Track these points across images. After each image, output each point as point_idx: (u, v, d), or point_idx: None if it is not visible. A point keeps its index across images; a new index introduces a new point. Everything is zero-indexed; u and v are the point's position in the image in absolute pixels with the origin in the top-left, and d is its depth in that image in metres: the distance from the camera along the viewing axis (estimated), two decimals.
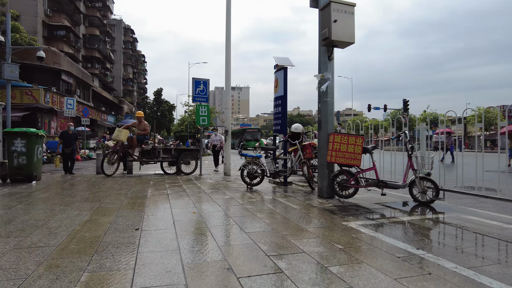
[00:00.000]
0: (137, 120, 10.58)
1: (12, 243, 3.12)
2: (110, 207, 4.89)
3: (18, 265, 2.59)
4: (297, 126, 7.08)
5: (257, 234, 3.50)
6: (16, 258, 2.74)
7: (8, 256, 2.79)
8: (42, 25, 31.22)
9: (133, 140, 9.77)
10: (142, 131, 10.31)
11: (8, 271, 2.47)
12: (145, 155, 10.17)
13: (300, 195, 6.28)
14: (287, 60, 7.73)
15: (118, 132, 9.46)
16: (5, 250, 2.93)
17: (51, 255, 2.82)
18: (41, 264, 2.60)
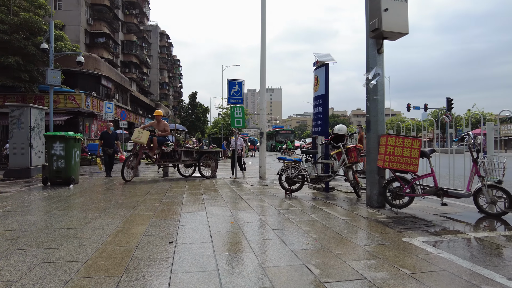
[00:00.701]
0: (155, 120, 9.64)
1: (41, 256, 2.89)
2: (143, 215, 4.64)
3: (43, 285, 2.31)
4: (340, 127, 6.51)
5: (305, 253, 3.03)
6: (41, 275, 2.48)
7: (33, 272, 2.54)
8: (84, 33, 32.69)
9: (153, 142, 8.95)
10: (162, 132, 9.44)
11: None
12: (165, 157, 9.48)
13: (345, 203, 5.71)
14: (328, 56, 7.19)
15: (138, 133, 8.57)
16: (32, 265, 2.69)
17: (78, 273, 2.53)
18: (66, 285, 2.31)
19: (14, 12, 19.72)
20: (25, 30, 19.63)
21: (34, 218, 4.35)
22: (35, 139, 9.37)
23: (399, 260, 2.87)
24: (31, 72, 20.03)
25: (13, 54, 18.93)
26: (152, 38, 60.22)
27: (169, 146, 9.68)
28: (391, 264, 2.75)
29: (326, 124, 7.09)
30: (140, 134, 8.53)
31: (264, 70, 10.15)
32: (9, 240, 3.35)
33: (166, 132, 9.54)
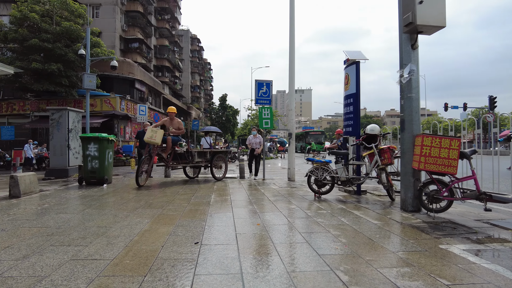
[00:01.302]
0: (168, 118, 8.71)
1: (71, 253, 2.96)
2: (171, 215, 4.67)
3: (70, 282, 2.35)
4: (373, 127, 6.25)
5: (333, 258, 2.89)
6: (70, 272, 2.53)
7: (63, 268, 2.60)
8: (119, 39, 34.08)
9: (167, 142, 8.08)
10: (176, 130, 8.50)
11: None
12: (178, 158, 8.69)
13: (378, 207, 5.45)
14: (359, 53, 6.93)
15: (151, 133, 7.65)
16: (62, 261, 2.76)
17: (104, 271, 2.55)
18: (91, 283, 2.34)
19: (57, 21, 20.92)
20: (66, 38, 20.76)
21: (68, 216, 4.52)
22: (72, 141, 9.83)
23: (436, 269, 2.65)
24: (71, 77, 21.15)
25: (55, 61, 20.08)
26: (183, 42, 61.71)
27: (183, 147, 8.81)
28: (427, 273, 2.55)
29: (358, 124, 6.83)
30: (154, 134, 7.65)
31: (293, 71, 10.01)
32: (44, 236, 3.48)
33: (180, 131, 8.64)
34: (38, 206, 5.20)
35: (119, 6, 33.34)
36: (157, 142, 7.67)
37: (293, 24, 9.93)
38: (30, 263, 2.71)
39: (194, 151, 9.04)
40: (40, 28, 19.99)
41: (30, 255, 2.90)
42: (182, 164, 8.91)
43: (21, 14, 19.81)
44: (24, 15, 19.78)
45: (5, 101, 23.18)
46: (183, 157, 8.82)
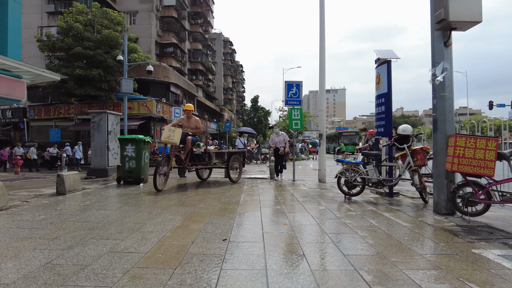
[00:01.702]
0: (185, 116, 8.16)
1: (109, 246, 3.20)
2: (202, 213, 4.86)
3: (108, 271, 2.56)
4: (405, 128, 6.09)
5: (358, 258, 2.90)
6: (108, 262, 2.75)
7: (102, 259, 2.82)
8: (155, 44, 35.42)
9: (186, 142, 7.53)
10: (193, 130, 8.00)
11: (98, 277, 2.45)
12: (195, 160, 8.14)
13: (410, 209, 5.32)
14: (391, 52, 6.78)
15: (169, 132, 7.10)
16: (101, 253, 2.99)
17: (138, 263, 2.75)
18: (127, 273, 2.53)
19: (97, 30, 22.19)
20: (106, 45, 21.96)
21: (107, 212, 4.84)
22: (111, 142, 10.41)
23: (466, 273, 2.58)
24: (110, 82, 22.33)
25: (96, 67, 21.32)
26: (216, 45, 62.91)
27: (200, 147, 8.26)
28: (456, 277, 2.50)
29: (390, 124, 6.68)
30: (171, 133, 7.09)
31: (323, 72, 9.93)
32: (86, 230, 3.77)
33: (198, 130, 8.16)
34: (81, 203, 5.60)
35: (154, 13, 34.68)
36: (176, 142, 7.11)
37: (323, 24, 9.87)
38: (74, 253, 2.97)
39: (212, 151, 8.57)
40: (83, 37, 21.31)
41: (74, 246, 3.17)
42: (200, 165, 8.37)
43: (67, 25, 21.23)
44: (69, 25, 21.17)
45: (52, 106, 24.91)
46: (200, 158, 8.31)
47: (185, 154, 7.66)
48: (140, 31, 32.96)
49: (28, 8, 32.69)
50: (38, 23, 32.31)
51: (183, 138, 7.43)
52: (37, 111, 25.10)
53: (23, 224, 4.08)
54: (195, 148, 7.99)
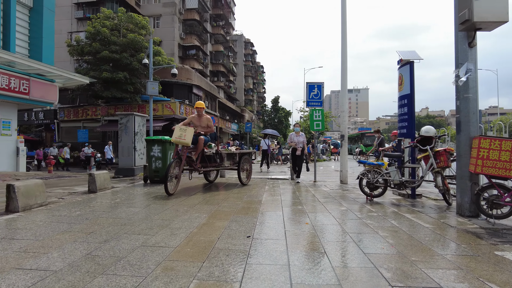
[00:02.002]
0: (196, 114, 7.61)
1: (141, 240, 3.43)
2: (226, 211, 5.04)
3: (142, 263, 2.77)
4: (428, 129, 6.05)
5: (378, 257, 2.98)
6: (142, 255, 2.96)
7: (136, 252, 3.04)
8: (178, 47, 36.23)
9: (199, 142, 7.06)
10: (205, 129, 7.50)
11: (134, 268, 2.66)
12: (205, 161, 7.62)
13: (432, 211, 5.30)
14: (414, 53, 6.75)
15: (180, 132, 6.62)
16: (134, 247, 3.22)
17: (169, 256, 2.95)
18: (159, 265, 2.73)
19: (123, 34, 22.97)
20: (131, 49, 22.71)
21: (136, 209, 5.11)
22: (138, 143, 10.82)
23: (486, 273, 2.62)
24: (135, 84, 23.06)
25: (122, 70, 22.09)
26: (237, 47, 63.44)
27: (212, 148, 7.82)
28: (476, 277, 2.54)
29: (412, 126, 6.65)
30: (183, 133, 6.58)
31: (345, 72, 9.94)
32: (118, 226, 4.03)
33: (210, 129, 7.60)
34: (111, 201, 5.92)
35: (177, 16, 35.46)
36: (187, 143, 6.58)
37: (345, 24, 9.88)
38: (110, 246, 3.21)
39: (224, 152, 8.09)
40: (109, 41, 22.13)
41: (109, 240, 3.42)
42: (211, 167, 7.86)
43: (95, 30, 22.12)
44: (97, 30, 22.05)
45: (80, 107, 25.98)
46: (211, 159, 7.81)
47: (197, 155, 7.16)
48: (164, 34, 33.82)
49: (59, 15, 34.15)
50: (68, 29, 33.75)
51: (194, 138, 6.95)
52: (67, 113, 26.27)
53: (61, 219, 4.40)
54: (206, 149, 7.52)
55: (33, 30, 14.29)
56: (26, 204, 4.90)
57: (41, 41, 14.20)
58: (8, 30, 12.84)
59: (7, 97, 12.30)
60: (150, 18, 34.09)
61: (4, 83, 11.89)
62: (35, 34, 14.28)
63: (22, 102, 13.12)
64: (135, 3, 34.37)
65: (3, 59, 11.34)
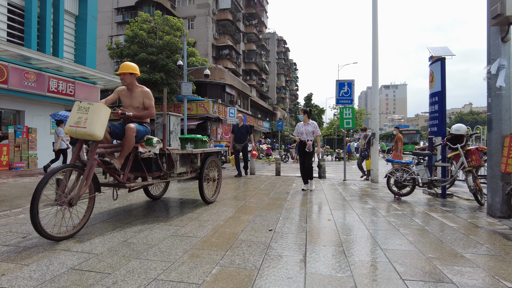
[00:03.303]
0: (125, 87, 4.56)
1: (172, 231, 3.74)
2: (252, 206, 5.27)
3: (171, 250, 3.06)
4: (458, 127, 5.90)
5: (395, 253, 3.05)
6: (171, 243, 3.26)
7: (166, 241, 3.34)
8: (212, 47, 37.07)
9: (126, 135, 4.04)
10: (139, 112, 4.45)
11: (164, 254, 2.95)
12: (140, 168, 4.45)
13: (461, 211, 5.19)
14: (445, 49, 6.57)
15: (79, 113, 3.50)
16: (165, 236, 3.53)
17: (196, 245, 3.21)
18: (186, 252, 3.00)
19: (159, 36, 23.94)
20: (167, 50, 23.62)
21: (171, 203, 5.48)
22: (173, 141, 11.35)
23: (504, 272, 2.62)
24: (171, 85, 23.96)
25: (158, 71, 23.05)
26: (270, 45, 63.58)
27: (153, 145, 4.54)
28: (491, 275, 2.56)
29: (443, 124, 6.48)
30: (82, 115, 3.49)
31: (376, 68, 9.77)
32: (152, 218, 4.38)
33: (149, 112, 4.49)
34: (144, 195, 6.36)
35: (211, 16, 36.27)
36: (92, 134, 3.44)
37: (376, 18, 9.72)
38: (144, 235, 3.54)
39: (176, 153, 4.75)
40: (146, 43, 23.18)
41: (143, 230, 3.76)
42: (152, 178, 4.59)
43: (133, 33, 23.25)
44: (135, 33, 23.17)
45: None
46: (153, 165, 4.53)
47: (123, 158, 4.07)
48: (198, 35, 34.76)
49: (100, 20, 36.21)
50: (109, 33, 35.69)
51: (120, 128, 4.21)
52: None
53: (102, 210, 4.85)
54: (142, 147, 4.39)
55: (78, 36, 15.39)
56: None
57: (85, 46, 15.25)
58: (57, 38, 13.95)
59: (56, 99, 13.40)
60: (185, 19, 35.16)
61: (54, 86, 12.95)
62: (79, 40, 15.37)
63: (68, 104, 14.18)
64: (170, 5, 35.59)
65: (53, 65, 12.37)
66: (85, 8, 15.37)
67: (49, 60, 12.01)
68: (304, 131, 7.18)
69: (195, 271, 2.56)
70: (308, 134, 7.14)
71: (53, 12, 13.85)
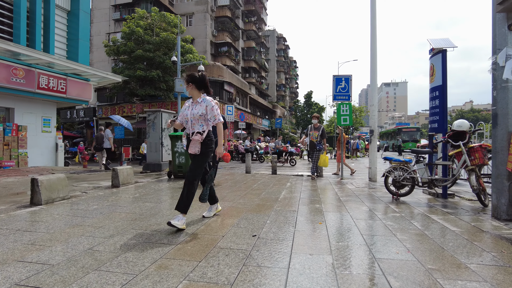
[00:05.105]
0: None
1: (145, 237, 3.40)
2: (239, 208, 4.93)
3: (139, 260, 2.72)
4: (460, 123, 5.55)
5: (390, 263, 2.71)
6: (141, 252, 2.92)
7: (136, 249, 3.00)
8: (210, 44, 36.64)
9: None
10: None
11: (129, 264, 2.61)
12: None
13: (464, 212, 4.84)
14: (447, 40, 6.20)
15: None
16: (137, 243, 3.19)
17: (167, 254, 2.87)
18: (155, 263, 2.66)
19: (156, 33, 23.56)
20: (164, 47, 23.25)
21: (152, 205, 5.14)
22: (165, 139, 11.02)
23: None
24: (168, 82, 23.62)
25: (155, 68, 22.69)
26: (269, 42, 63.09)
27: None
28: None
29: (444, 120, 6.12)
30: None
31: (375, 64, 9.41)
32: (129, 221, 4.05)
33: None
34: (131, 195, 6.02)
35: (209, 13, 35.84)
36: None
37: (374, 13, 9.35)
38: (113, 241, 3.20)
39: None
40: (143, 40, 22.81)
41: (114, 235, 3.42)
42: None
43: (129, 30, 22.88)
44: (132, 30, 22.80)
45: (117, 105, 27.14)
46: None
47: None
48: (196, 32, 34.36)
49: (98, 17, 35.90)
50: (106, 30, 35.30)
51: None
52: (104, 110, 27.53)
53: (78, 212, 4.51)
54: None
55: (70, 32, 15.02)
56: (48, 197, 5.09)
57: (78, 42, 14.89)
58: (48, 33, 13.58)
59: (47, 96, 13.05)
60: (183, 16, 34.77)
61: (44, 83, 12.60)
62: (72, 36, 14.99)
63: (60, 101, 13.85)
64: (168, 2, 35.18)
65: (44, 61, 12.01)
66: (77, 3, 14.98)
67: (39, 56, 11.64)
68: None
69: (158, 287, 2.22)
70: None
71: (44, 6, 13.48)
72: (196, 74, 3.99)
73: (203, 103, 3.87)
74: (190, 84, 3.92)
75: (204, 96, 3.93)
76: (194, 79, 3.92)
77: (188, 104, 4.02)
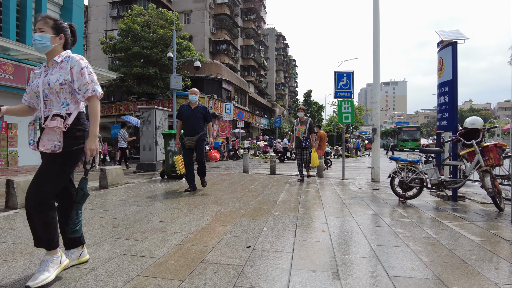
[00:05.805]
0: None
1: (124, 247, 2.99)
2: (234, 212, 4.52)
3: (111, 278, 2.31)
4: (474, 120, 5.14)
5: (407, 282, 2.30)
6: (116, 267, 2.51)
7: (111, 263, 2.60)
8: (209, 42, 36.15)
9: None
10: None
11: (98, 284, 2.21)
12: None
13: (479, 217, 4.43)
14: (457, 32, 5.79)
15: None
16: (114, 255, 2.78)
17: (146, 270, 2.46)
18: (129, 282, 2.25)
19: (153, 30, 23.12)
20: (161, 44, 22.80)
21: (139, 208, 4.72)
22: (159, 137, 10.60)
23: None
24: (166, 79, 23.17)
25: (152, 65, 22.25)
26: (269, 41, 62.63)
27: None
28: None
29: (454, 117, 5.71)
30: None
31: (378, 60, 9.00)
32: (109, 228, 3.63)
33: None
34: (118, 198, 5.61)
35: (208, 11, 35.37)
36: None
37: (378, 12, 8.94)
38: None
39: None
40: (140, 37, 22.36)
41: (90, 246, 3.01)
42: None
43: (126, 27, 22.43)
44: (128, 27, 22.35)
45: (114, 103, 26.68)
46: None
47: None
48: (194, 30, 33.91)
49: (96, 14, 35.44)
50: (104, 28, 34.83)
51: None
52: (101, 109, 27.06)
53: None
54: None
55: None
56: None
57: None
58: None
59: None
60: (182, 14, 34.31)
61: None
62: None
63: None
64: None
65: (34, 56, 11.58)
66: None
67: (30, 51, 11.20)
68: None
69: None
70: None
71: (35, 0, 13.04)
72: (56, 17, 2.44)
73: (67, 64, 2.34)
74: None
75: (69, 53, 2.41)
76: (54, 23, 2.37)
77: (40, 70, 2.45)
